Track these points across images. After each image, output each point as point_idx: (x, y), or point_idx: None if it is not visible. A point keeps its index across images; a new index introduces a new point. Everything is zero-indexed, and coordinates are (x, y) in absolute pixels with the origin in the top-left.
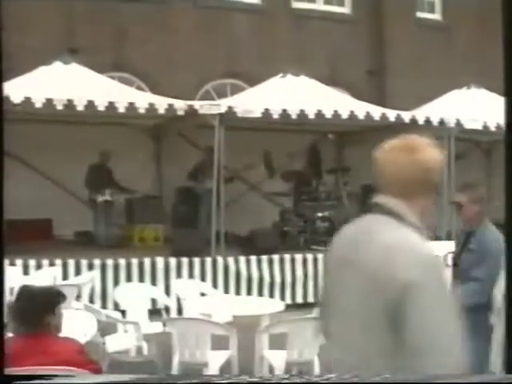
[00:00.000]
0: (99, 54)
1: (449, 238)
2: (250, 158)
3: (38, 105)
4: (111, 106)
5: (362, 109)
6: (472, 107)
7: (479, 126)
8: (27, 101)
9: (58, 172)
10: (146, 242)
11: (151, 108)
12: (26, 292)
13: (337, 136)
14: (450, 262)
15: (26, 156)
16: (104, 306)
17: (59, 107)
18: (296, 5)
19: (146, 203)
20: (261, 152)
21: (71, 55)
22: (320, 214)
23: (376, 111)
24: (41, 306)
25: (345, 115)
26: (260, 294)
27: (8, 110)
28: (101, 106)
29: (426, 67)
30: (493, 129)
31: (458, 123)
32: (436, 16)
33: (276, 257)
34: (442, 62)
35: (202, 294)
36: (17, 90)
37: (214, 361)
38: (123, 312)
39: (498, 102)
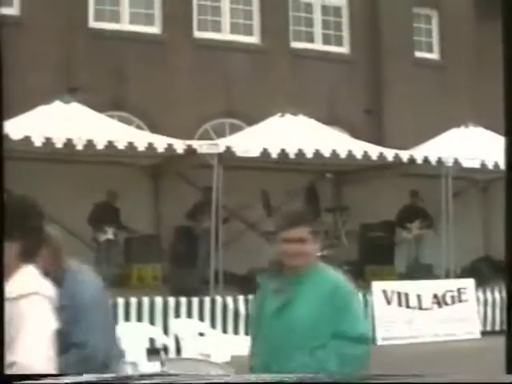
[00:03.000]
0: (99, 93)
1: (447, 277)
2: (248, 197)
3: (38, 143)
4: (110, 144)
5: (360, 148)
6: (470, 146)
7: (477, 165)
8: (27, 139)
9: (57, 210)
10: (145, 281)
11: (150, 147)
12: None
13: (335, 175)
14: (449, 300)
15: (24, 194)
16: None
17: (58, 146)
18: (295, 45)
19: (145, 242)
20: (259, 191)
21: (71, 94)
22: (319, 253)
23: (374, 150)
24: None
25: (343, 155)
26: None
27: (7, 148)
28: (100, 144)
29: (424, 106)
30: (490, 167)
31: (456, 162)
32: (434, 55)
33: None
34: (440, 101)
35: (201, 334)
36: (17, 128)
37: None
38: None
39: (496, 140)
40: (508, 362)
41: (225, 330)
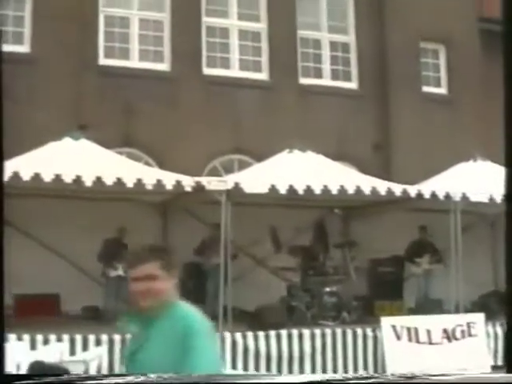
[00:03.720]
0: (108, 129)
1: (457, 311)
2: (257, 233)
3: (47, 180)
4: (119, 181)
5: (369, 184)
6: (478, 180)
7: (485, 199)
8: (36, 176)
9: (67, 247)
10: None
11: (159, 184)
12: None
13: (343, 210)
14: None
15: (34, 230)
16: None
17: (68, 182)
18: (303, 80)
19: None
20: (267, 227)
21: (81, 131)
22: (327, 289)
23: (382, 186)
24: None
25: (351, 190)
26: (268, 369)
27: (17, 185)
28: (109, 181)
29: (432, 140)
30: (498, 201)
31: (464, 197)
32: (442, 90)
33: (284, 332)
34: (448, 135)
35: None
36: (26, 165)
37: None
38: None
39: (504, 174)
40: (508, 361)
41: (234, 367)
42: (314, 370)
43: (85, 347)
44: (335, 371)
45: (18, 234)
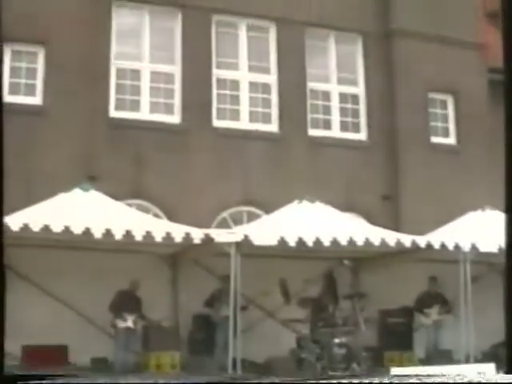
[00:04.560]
0: (118, 181)
1: (467, 361)
2: (266, 284)
3: (57, 232)
4: (128, 234)
5: (378, 235)
6: (487, 229)
7: (494, 249)
8: (46, 228)
9: (76, 297)
10: (163, 369)
11: (168, 237)
12: None
13: (352, 261)
14: None
15: (42, 281)
16: None
17: (77, 234)
18: (312, 132)
19: (163, 330)
20: (277, 279)
21: (90, 182)
22: (337, 341)
23: (391, 237)
24: None
25: (360, 242)
26: None
27: (27, 236)
28: (118, 234)
29: (441, 190)
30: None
31: (473, 247)
32: (450, 140)
33: None
34: (457, 185)
35: None
36: (36, 216)
37: None
38: None
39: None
40: (508, 361)
41: None
42: None
43: None
44: None
45: (27, 285)
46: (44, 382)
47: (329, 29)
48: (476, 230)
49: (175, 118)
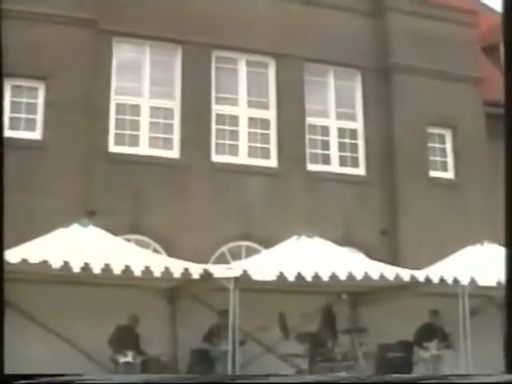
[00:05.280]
0: (117, 216)
1: None
2: (265, 319)
3: (56, 267)
4: (127, 269)
5: (377, 269)
6: (486, 263)
7: (493, 283)
8: (44, 263)
9: (74, 332)
10: None
11: (167, 272)
12: None
13: (351, 296)
14: None
15: (40, 316)
16: None
17: (76, 270)
18: (311, 167)
19: (162, 365)
20: (275, 313)
21: (89, 218)
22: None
23: (390, 271)
24: None
25: (359, 276)
26: None
27: (25, 271)
28: (117, 269)
29: (440, 224)
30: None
31: (472, 281)
32: (449, 174)
33: None
34: (455, 219)
35: None
36: (35, 251)
37: None
38: None
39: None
40: (508, 361)
41: None
42: None
43: None
44: None
45: (25, 319)
46: (42, 382)
47: (328, 64)
48: (475, 264)
49: (174, 153)
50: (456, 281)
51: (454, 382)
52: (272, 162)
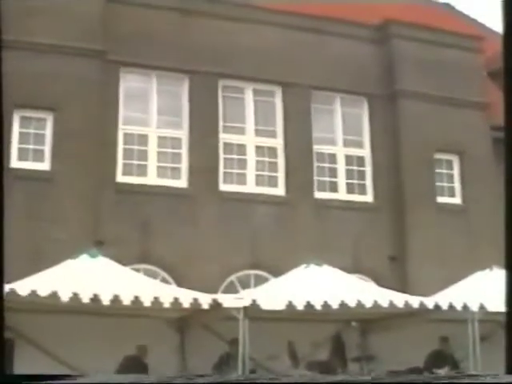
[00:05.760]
0: (125, 246)
1: None
2: (275, 348)
3: (65, 299)
4: (137, 300)
5: (386, 297)
6: (495, 288)
7: (502, 308)
8: (54, 295)
9: (83, 363)
10: None
11: (176, 302)
12: None
13: (360, 323)
14: None
15: (49, 346)
16: None
17: (85, 301)
18: (319, 195)
19: None
20: (285, 342)
21: (98, 248)
22: None
23: (399, 298)
24: None
25: (368, 304)
26: None
27: (35, 302)
28: (126, 300)
29: (448, 250)
30: None
31: (482, 306)
32: (456, 200)
33: None
34: (464, 245)
35: None
36: (44, 283)
37: None
38: None
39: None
40: (508, 361)
41: None
42: None
43: None
44: None
45: (34, 350)
46: (41, 382)
47: (334, 92)
48: (484, 290)
49: (182, 183)
50: (465, 307)
51: (455, 382)
52: (280, 191)
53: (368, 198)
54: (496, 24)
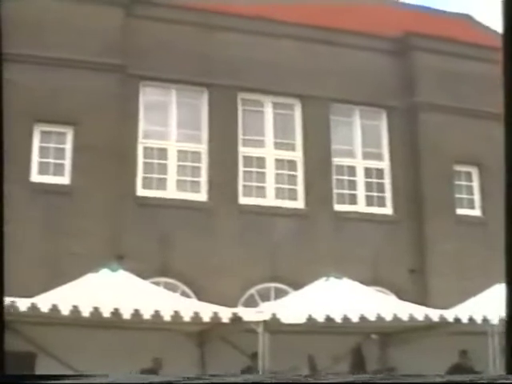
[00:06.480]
0: (145, 259)
1: None
2: (294, 361)
3: (85, 313)
4: (157, 314)
5: (406, 310)
6: None
7: None
8: (75, 309)
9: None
10: None
11: (196, 316)
12: None
13: (380, 336)
14: None
15: (70, 360)
16: None
17: (106, 315)
18: (338, 207)
19: None
20: (305, 355)
21: (118, 262)
22: None
23: (419, 311)
24: None
25: (388, 317)
26: None
27: (56, 316)
28: (146, 314)
29: (468, 262)
30: None
31: (502, 319)
32: (476, 212)
33: None
34: (483, 257)
35: None
36: (65, 297)
37: None
38: None
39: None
40: (508, 361)
41: None
42: None
43: None
44: None
45: (53, 362)
46: (41, 382)
47: (353, 104)
48: (503, 302)
49: (202, 196)
50: (485, 320)
51: (456, 381)
52: (299, 203)
53: (387, 210)
54: None
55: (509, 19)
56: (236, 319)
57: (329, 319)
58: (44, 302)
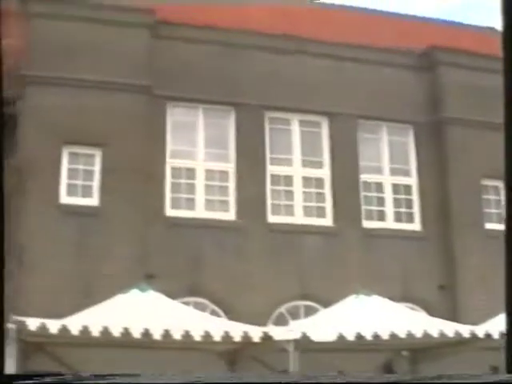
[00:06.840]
0: (174, 279)
1: None
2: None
3: (116, 334)
4: (187, 334)
5: (436, 326)
6: None
7: None
8: (105, 331)
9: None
10: None
11: (226, 336)
12: None
13: (411, 352)
14: None
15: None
16: None
17: (136, 336)
18: (367, 224)
19: None
20: (335, 372)
21: (148, 282)
22: None
23: (449, 328)
24: None
25: (418, 334)
26: None
27: (87, 337)
28: (177, 334)
29: (498, 277)
30: None
31: None
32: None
33: None
34: None
35: None
36: (95, 318)
37: None
38: None
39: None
40: (508, 361)
41: None
42: None
43: None
44: None
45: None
46: (42, 381)
47: (380, 120)
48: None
49: (230, 215)
50: None
51: (457, 382)
52: (328, 221)
53: (416, 226)
54: None
55: (508, 17)
56: (266, 338)
57: (359, 337)
58: (74, 323)
